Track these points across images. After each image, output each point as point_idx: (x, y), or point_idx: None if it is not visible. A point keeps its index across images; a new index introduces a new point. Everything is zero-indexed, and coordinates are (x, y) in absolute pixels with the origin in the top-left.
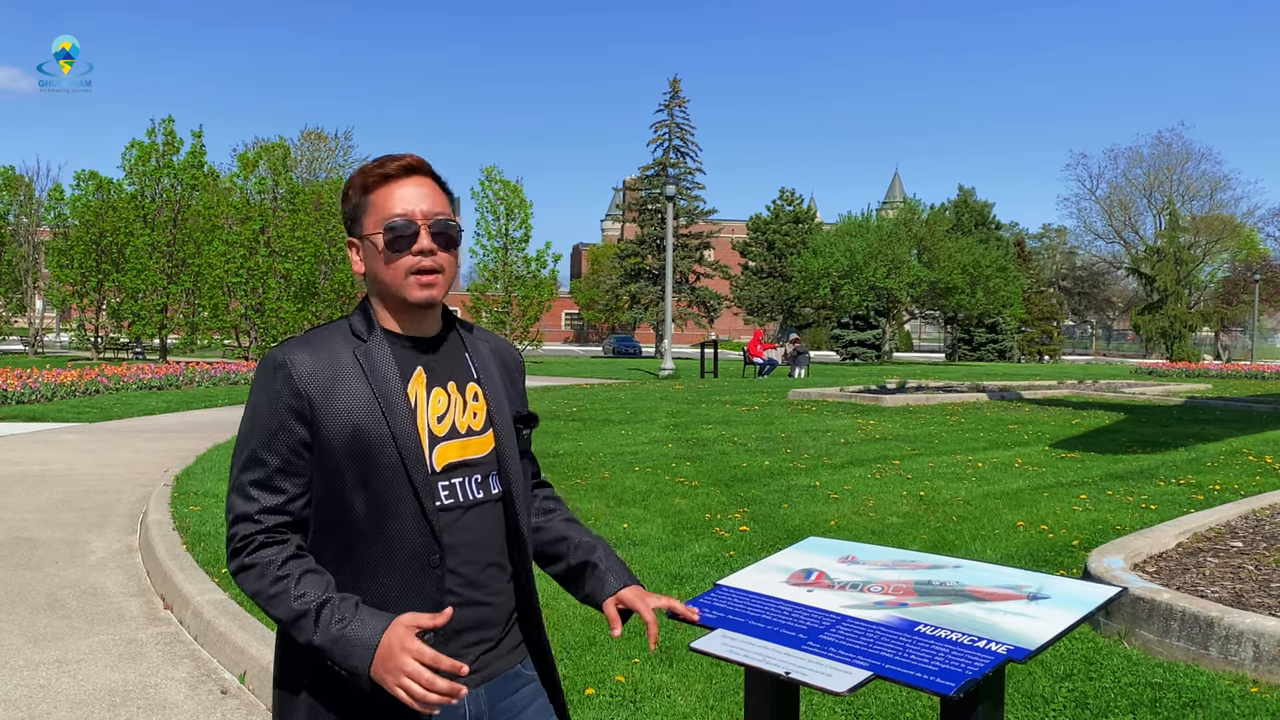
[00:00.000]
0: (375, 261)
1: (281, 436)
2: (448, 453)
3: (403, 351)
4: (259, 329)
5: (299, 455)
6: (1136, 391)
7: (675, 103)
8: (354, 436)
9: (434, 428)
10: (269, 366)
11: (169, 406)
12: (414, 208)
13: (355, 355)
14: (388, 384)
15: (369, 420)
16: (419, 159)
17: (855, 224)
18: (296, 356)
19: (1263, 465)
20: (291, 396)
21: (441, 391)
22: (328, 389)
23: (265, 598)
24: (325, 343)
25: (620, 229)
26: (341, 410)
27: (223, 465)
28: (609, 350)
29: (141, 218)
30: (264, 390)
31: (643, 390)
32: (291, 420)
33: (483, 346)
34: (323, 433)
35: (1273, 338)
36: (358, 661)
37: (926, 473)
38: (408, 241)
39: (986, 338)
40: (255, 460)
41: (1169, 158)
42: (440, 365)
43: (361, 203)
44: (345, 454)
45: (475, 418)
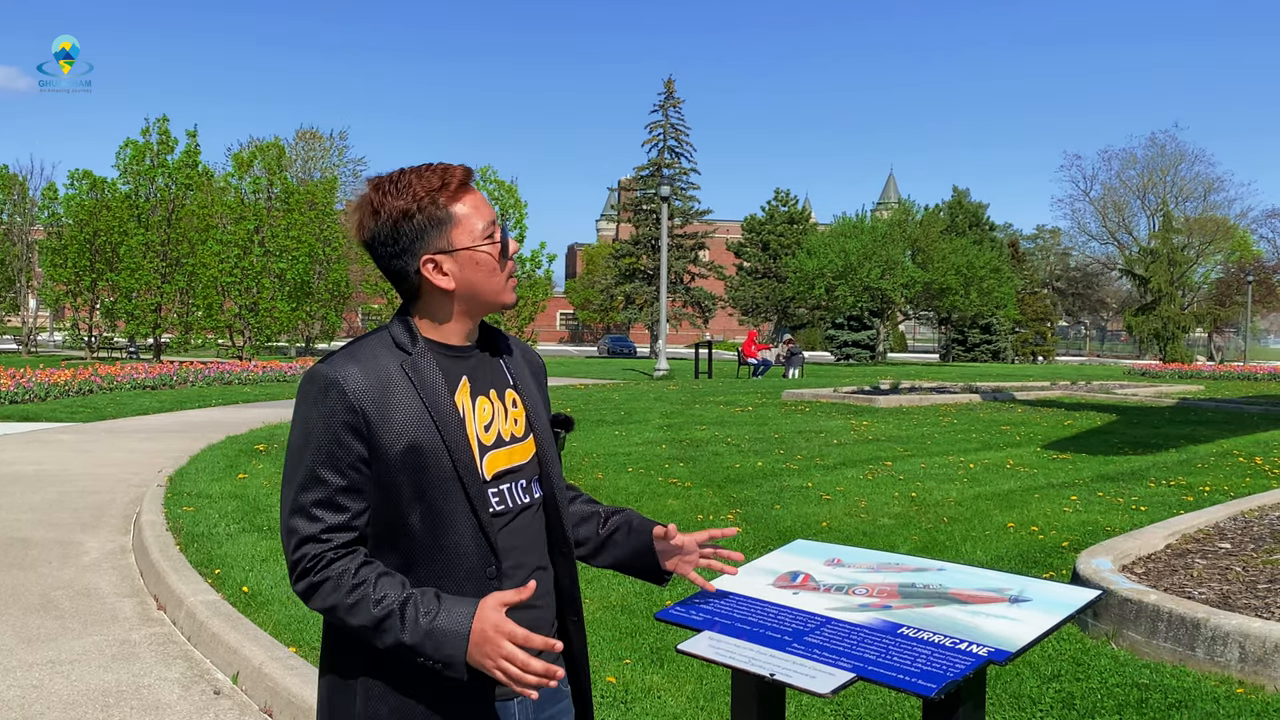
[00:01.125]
0: (477, 273)
1: (340, 454)
2: (496, 461)
3: (446, 361)
4: (253, 328)
5: (359, 471)
6: (1129, 393)
7: (670, 103)
8: (409, 450)
9: (482, 437)
10: (320, 384)
11: (163, 406)
12: (492, 215)
13: (403, 368)
14: (438, 396)
15: (423, 433)
16: (466, 168)
17: (850, 225)
18: (347, 372)
19: (1253, 466)
20: (347, 413)
21: (485, 400)
22: (381, 403)
23: (344, 609)
24: (372, 356)
25: (615, 229)
26: (396, 424)
27: (216, 466)
28: (604, 350)
29: (136, 217)
30: (317, 407)
31: (637, 391)
32: (349, 437)
33: (514, 351)
34: (379, 447)
35: (1266, 339)
36: (452, 650)
37: (918, 474)
38: (506, 245)
39: (980, 338)
40: (315, 479)
41: (1163, 159)
42: (480, 374)
43: (443, 217)
44: (401, 467)
45: (516, 424)
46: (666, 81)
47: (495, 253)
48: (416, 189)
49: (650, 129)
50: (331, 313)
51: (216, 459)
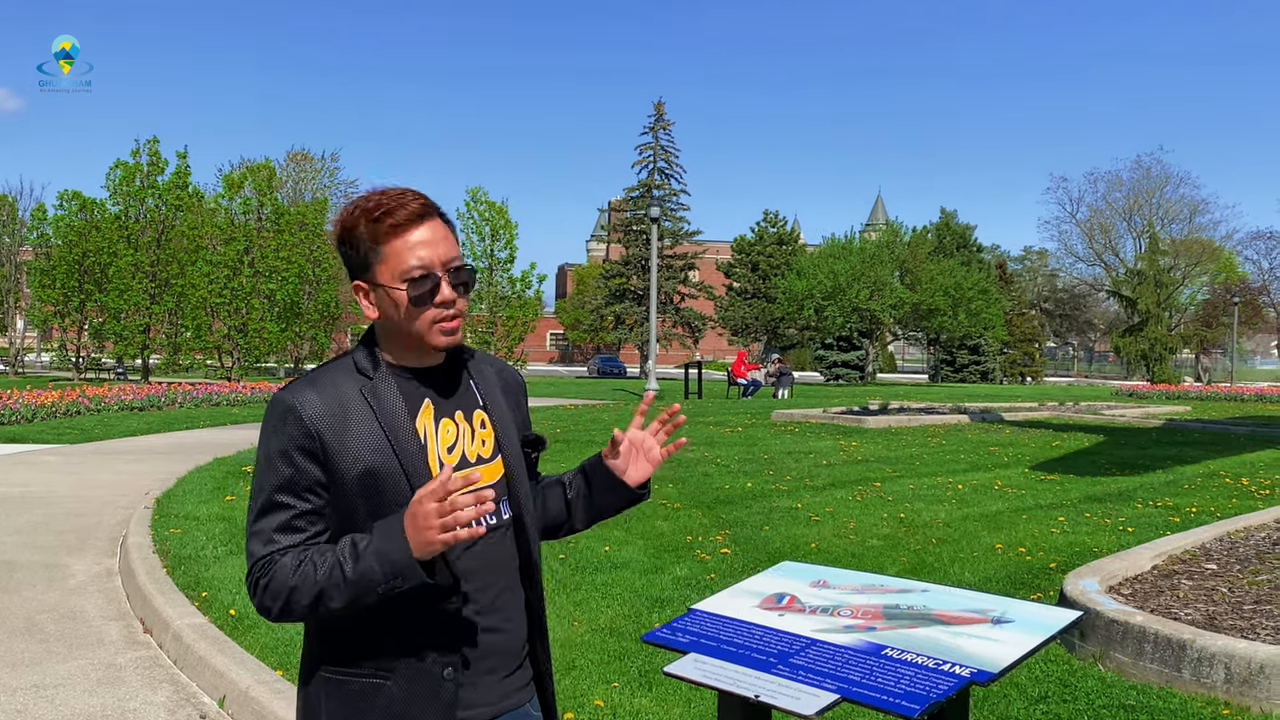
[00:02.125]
0: (394, 311)
1: (298, 479)
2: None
3: (409, 385)
4: (241, 349)
5: (317, 495)
6: (1116, 414)
7: (660, 125)
8: (366, 474)
9: (445, 459)
10: (278, 410)
11: (150, 428)
12: (432, 257)
13: (363, 393)
14: (396, 420)
15: (380, 457)
16: (426, 201)
17: (838, 246)
18: (305, 398)
19: (1239, 488)
20: (304, 438)
21: (450, 422)
22: (338, 428)
23: (291, 591)
24: (331, 382)
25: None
26: (353, 449)
27: (204, 488)
28: (594, 371)
29: (125, 238)
30: (275, 434)
31: (627, 411)
32: (306, 461)
33: (487, 371)
34: (336, 472)
35: (1252, 360)
36: (399, 555)
37: (907, 495)
38: (430, 295)
39: (969, 359)
40: (273, 504)
41: (1148, 181)
42: (446, 395)
43: (374, 251)
44: (359, 491)
45: (484, 445)
46: (656, 104)
47: (409, 296)
48: (360, 214)
49: (640, 150)
50: (321, 333)
51: (204, 481)
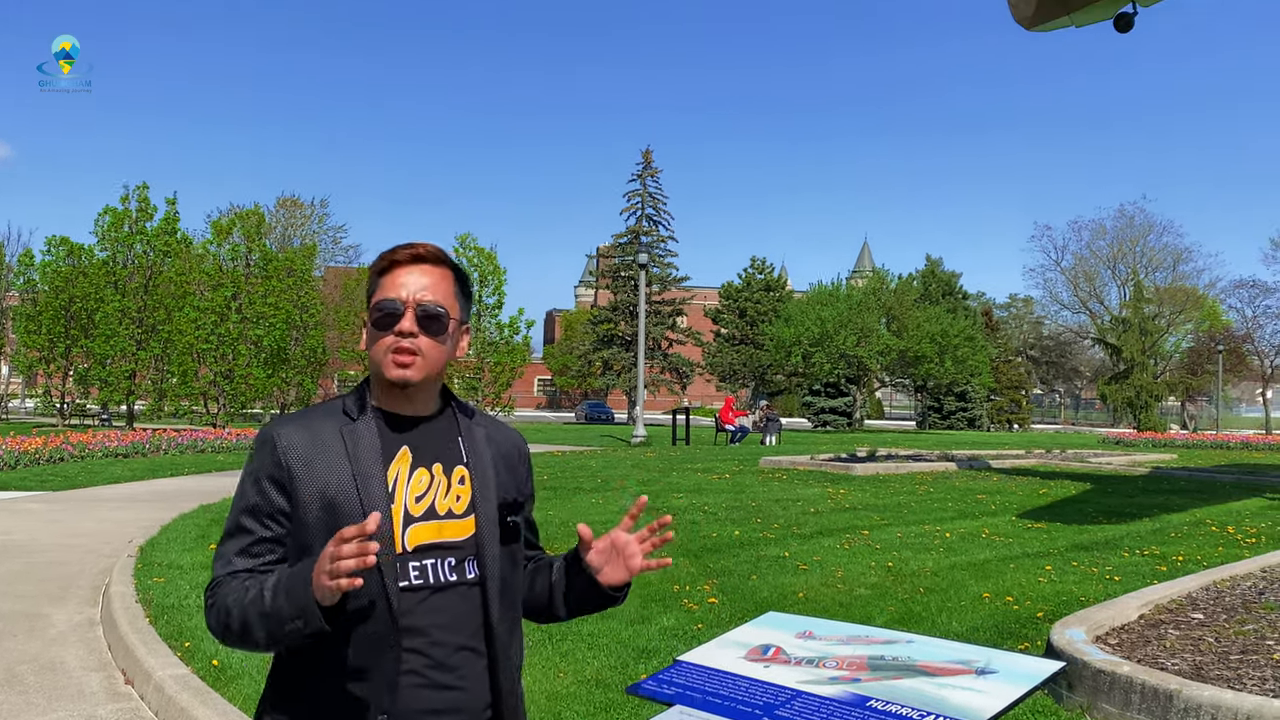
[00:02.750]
0: (369, 341)
1: (262, 506)
2: (421, 533)
3: (390, 430)
4: (228, 395)
5: (279, 524)
6: (1103, 461)
7: (648, 172)
8: (327, 509)
9: (410, 507)
10: (259, 440)
11: (135, 475)
12: (407, 293)
13: (341, 432)
14: (366, 462)
15: (343, 495)
16: (431, 249)
17: (825, 293)
18: (284, 430)
19: (1225, 536)
20: (273, 467)
21: (424, 472)
22: (308, 462)
23: (228, 614)
24: (314, 419)
25: (594, 295)
26: (318, 483)
27: (188, 536)
28: (581, 416)
29: (112, 284)
30: (252, 462)
31: (614, 458)
32: (272, 490)
33: (478, 431)
34: (299, 503)
35: (1238, 407)
36: (303, 596)
37: (895, 543)
38: (391, 321)
39: (956, 406)
40: (238, 528)
41: (1132, 230)
42: (428, 446)
43: (373, 283)
44: (318, 526)
45: (458, 501)
46: (645, 152)
47: (370, 321)
48: (376, 259)
49: (629, 197)
50: (307, 379)
51: (188, 529)
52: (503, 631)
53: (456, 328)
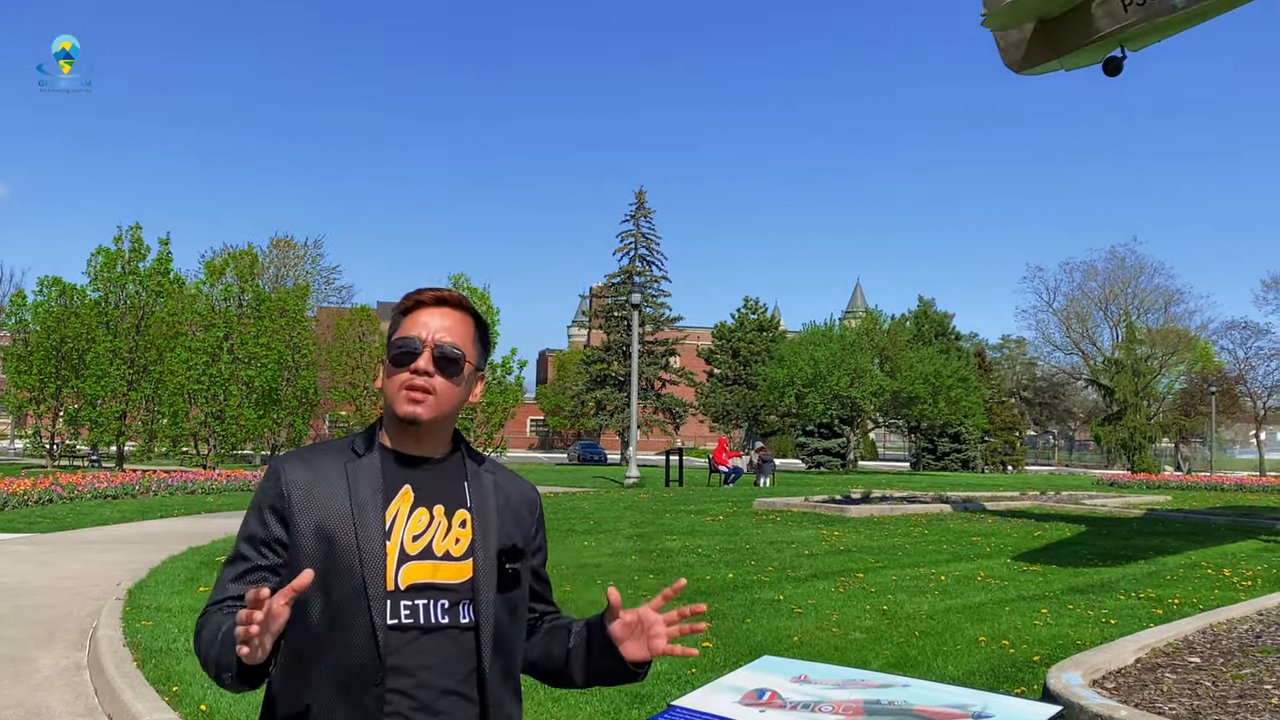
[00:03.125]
0: (384, 377)
1: (261, 534)
2: (416, 572)
3: (395, 468)
4: (218, 436)
5: (275, 553)
6: (1098, 503)
7: (641, 213)
8: (322, 541)
9: (407, 545)
10: (267, 472)
11: (124, 516)
12: (426, 332)
13: (345, 467)
14: (365, 497)
15: (339, 529)
16: (454, 294)
17: (819, 333)
18: (290, 463)
19: (1221, 579)
20: (275, 497)
21: (425, 511)
22: (309, 493)
23: (204, 648)
24: (321, 453)
25: (587, 335)
26: (316, 514)
27: (177, 578)
28: (574, 457)
29: (104, 324)
30: (258, 492)
31: (607, 499)
32: (271, 519)
33: (486, 478)
34: (296, 534)
35: (1231, 449)
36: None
37: (890, 586)
38: (407, 358)
39: (950, 447)
40: (238, 555)
41: (1123, 271)
42: (431, 486)
43: (395, 322)
44: (312, 557)
45: (457, 544)
46: (638, 192)
47: (387, 358)
48: (404, 297)
49: (622, 238)
50: (299, 420)
51: (177, 571)
52: (495, 680)
53: (472, 373)
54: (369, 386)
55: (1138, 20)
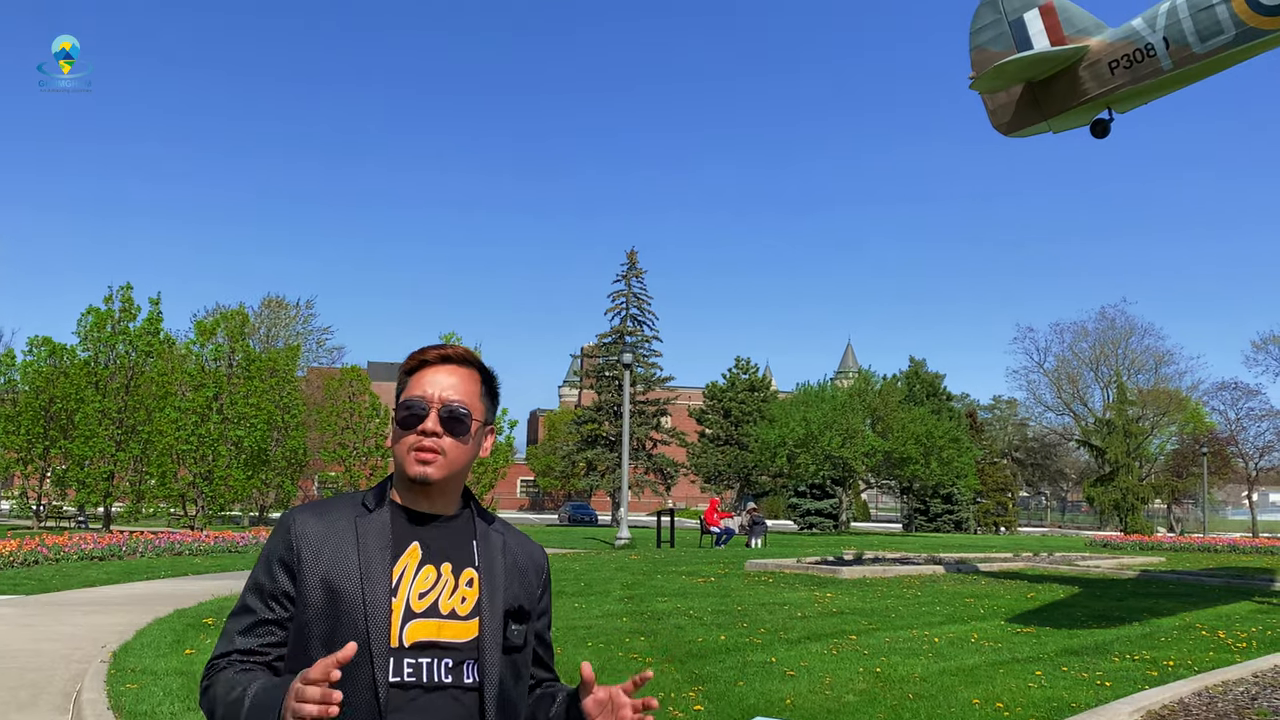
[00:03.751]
0: (393, 438)
1: (269, 586)
2: (420, 630)
3: (405, 525)
4: (206, 497)
5: (283, 606)
6: (1091, 564)
7: (633, 273)
8: (328, 595)
9: (413, 603)
10: (278, 524)
11: (110, 578)
12: (433, 392)
13: (355, 522)
14: (373, 553)
15: (346, 584)
16: (459, 350)
17: (810, 393)
18: (301, 515)
19: (1215, 640)
20: (284, 550)
21: (432, 569)
22: (318, 547)
23: (215, 706)
24: (332, 508)
25: (578, 395)
26: (324, 569)
27: (163, 641)
28: (564, 518)
29: (93, 384)
30: (267, 544)
31: (598, 560)
32: (280, 572)
33: (495, 538)
34: (303, 587)
35: (1224, 510)
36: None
37: (883, 648)
38: (415, 420)
39: (942, 508)
40: (245, 607)
41: (1113, 332)
42: (440, 544)
43: (401, 382)
44: (318, 612)
45: (464, 603)
46: (630, 252)
47: (395, 419)
48: (406, 359)
49: (613, 298)
50: (287, 481)
51: (163, 634)
52: None
53: (480, 429)
54: (359, 447)
55: (1125, 83)
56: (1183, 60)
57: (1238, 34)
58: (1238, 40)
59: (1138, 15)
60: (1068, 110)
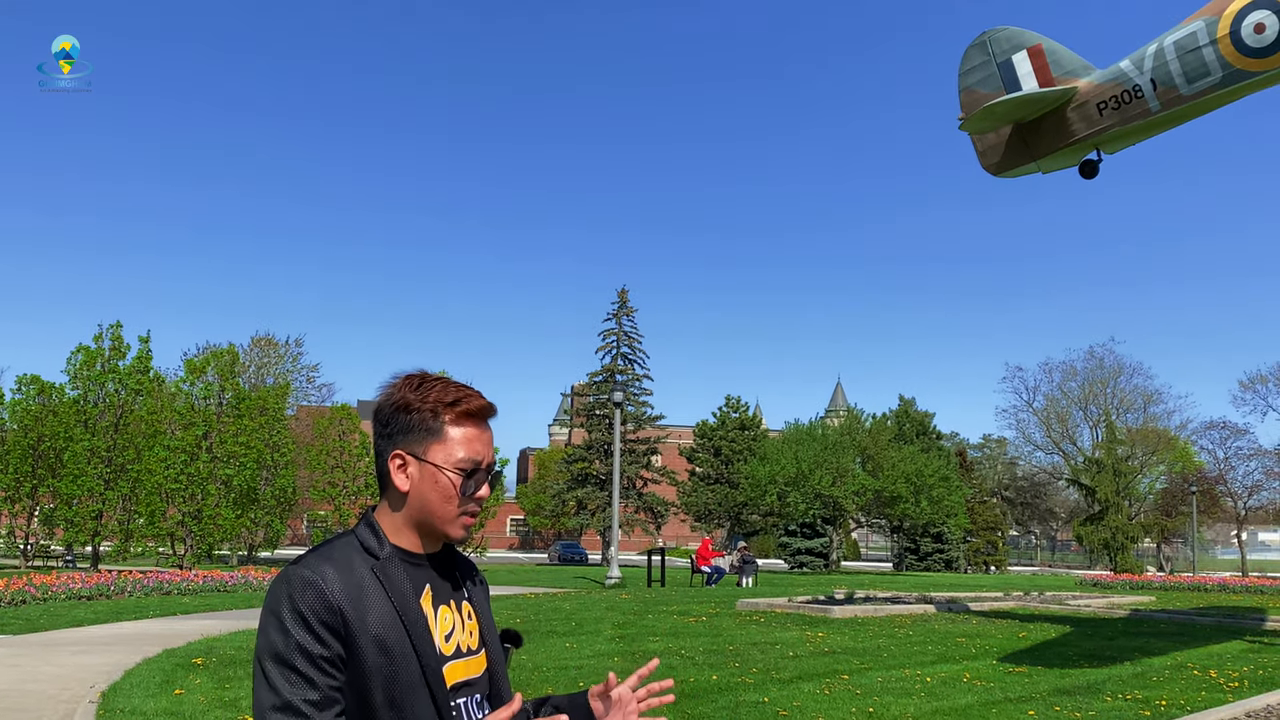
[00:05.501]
0: (433, 491)
1: (320, 651)
2: (455, 671)
3: (411, 569)
4: (195, 536)
5: (339, 669)
6: (1082, 604)
7: (623, 311)
8: (383, 652)
9: (443, 646)
10: (297, 584)
11: (98, 618)
12: (486, 457)
13: (374, 572)
14: (407, 601)
15: (395, 635)
16: (493, 404)
17: (800, 432)
18: (324, 572)
19: (1207, 679)
20: (325, 611)
21: (447, 609)
22: (359, 605)
23: None
24: (344, 559)
25: (568, 434)
26: (371, 626)
27: (152, 681)
28: (555, 557)
29: (82, 422)
30: (295, 604)
31: (588, 600)
32: (327, 635)
33: (465, 566)
34: (356, 648)
35: (1213, 549)
36: None
37: (875, 688)
38: (475, 487)
39: (933, 547)
40: (300, 677)
41: (1102, 371)
42: (441, 584)
43: (434, 428)
44: (374, 670)
45: (471, 636)
46: (620, 291)
47: (457, 482)
48: (431, 393)
49: (604, 336)
50: (276, 520)
51: (152, 674)
52: None
53: None
54: (349, 485)
55: (1113, 124)
56: (1170, 102)
57: (1225, 75)
58: (1225, 82)
59: (1125, 57)
60: (1056, 151)
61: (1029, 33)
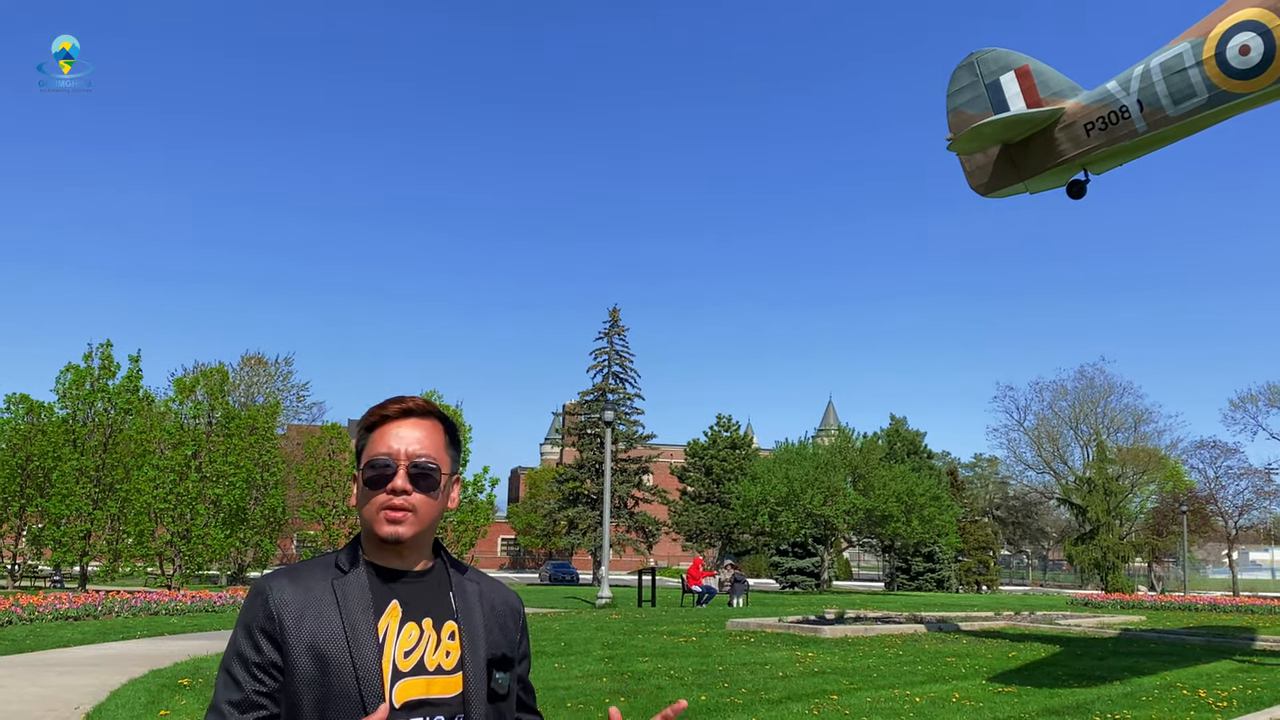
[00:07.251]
0: (361, 498)
1: (253, 657)
2: (410, 689)
3: (381, 584)
4: (184, 556)
5: (271, 677)
6: (1072, 623)
7: (615, 331)
8: (317, 663)
9: (399, 662)
10: (251, 593)
11: (85, 638)
12: (399, 448)
13: (332, 585)
14: (356, 615)
15: (333, 649)
16: (421, 403)
17: (792, 451)
18: (276, 583)
19: (1197, 700)
20: (265, 620)
21: (414, 626)
22: (300, 614)
23: None
24: (307, 572)
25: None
26: (308, 636)
27: (137, 702)
28: (545, 577)
29: (71, 442)
30: (244, 614)
31: (578, 620)
32: (264, 642)
33: (470, 587)
34: (290, 656)
35: (1204, 569)
36: None
37: (865, 708)
38: (384, 480)
39: (924, 567)
40: (233, 681)
41: (1092, 391)
42: (418, 600)
43: (362, 439)
44: (307, 679)
45: (448, 657)
46: (612, 310)
47: (362, 479)
48: (365, 413)
49: (595, 355)
50: (266, 539)
51: (137, 694)
52: None
53: (448, 480)
54: (339, 505)
55: (1100, 144)
56: (1157, 122)
57: (1210, 97)
58: (1210, 103)
59: (1112, 78)
60: (1044, 171)
61: (1016, 54)
